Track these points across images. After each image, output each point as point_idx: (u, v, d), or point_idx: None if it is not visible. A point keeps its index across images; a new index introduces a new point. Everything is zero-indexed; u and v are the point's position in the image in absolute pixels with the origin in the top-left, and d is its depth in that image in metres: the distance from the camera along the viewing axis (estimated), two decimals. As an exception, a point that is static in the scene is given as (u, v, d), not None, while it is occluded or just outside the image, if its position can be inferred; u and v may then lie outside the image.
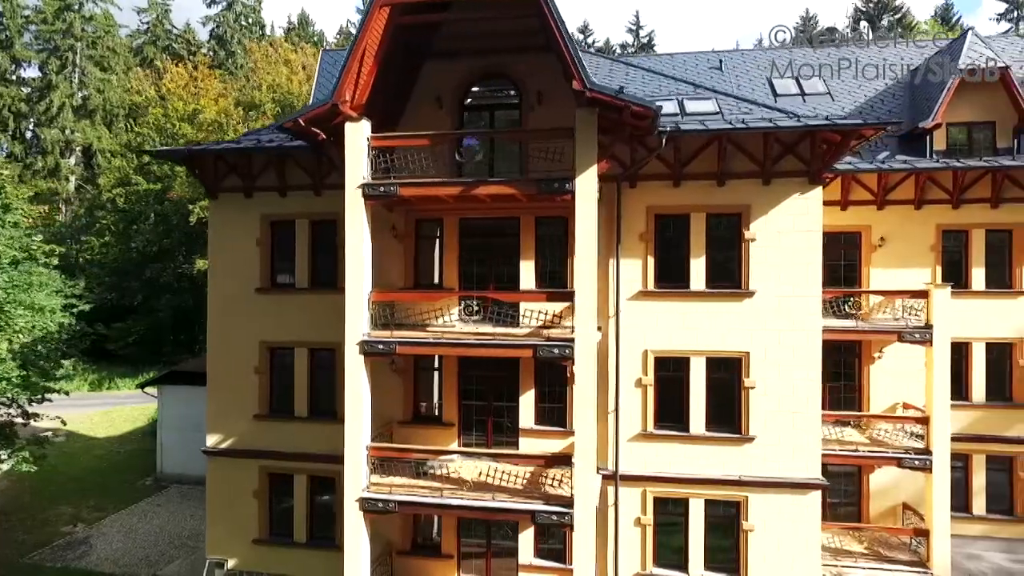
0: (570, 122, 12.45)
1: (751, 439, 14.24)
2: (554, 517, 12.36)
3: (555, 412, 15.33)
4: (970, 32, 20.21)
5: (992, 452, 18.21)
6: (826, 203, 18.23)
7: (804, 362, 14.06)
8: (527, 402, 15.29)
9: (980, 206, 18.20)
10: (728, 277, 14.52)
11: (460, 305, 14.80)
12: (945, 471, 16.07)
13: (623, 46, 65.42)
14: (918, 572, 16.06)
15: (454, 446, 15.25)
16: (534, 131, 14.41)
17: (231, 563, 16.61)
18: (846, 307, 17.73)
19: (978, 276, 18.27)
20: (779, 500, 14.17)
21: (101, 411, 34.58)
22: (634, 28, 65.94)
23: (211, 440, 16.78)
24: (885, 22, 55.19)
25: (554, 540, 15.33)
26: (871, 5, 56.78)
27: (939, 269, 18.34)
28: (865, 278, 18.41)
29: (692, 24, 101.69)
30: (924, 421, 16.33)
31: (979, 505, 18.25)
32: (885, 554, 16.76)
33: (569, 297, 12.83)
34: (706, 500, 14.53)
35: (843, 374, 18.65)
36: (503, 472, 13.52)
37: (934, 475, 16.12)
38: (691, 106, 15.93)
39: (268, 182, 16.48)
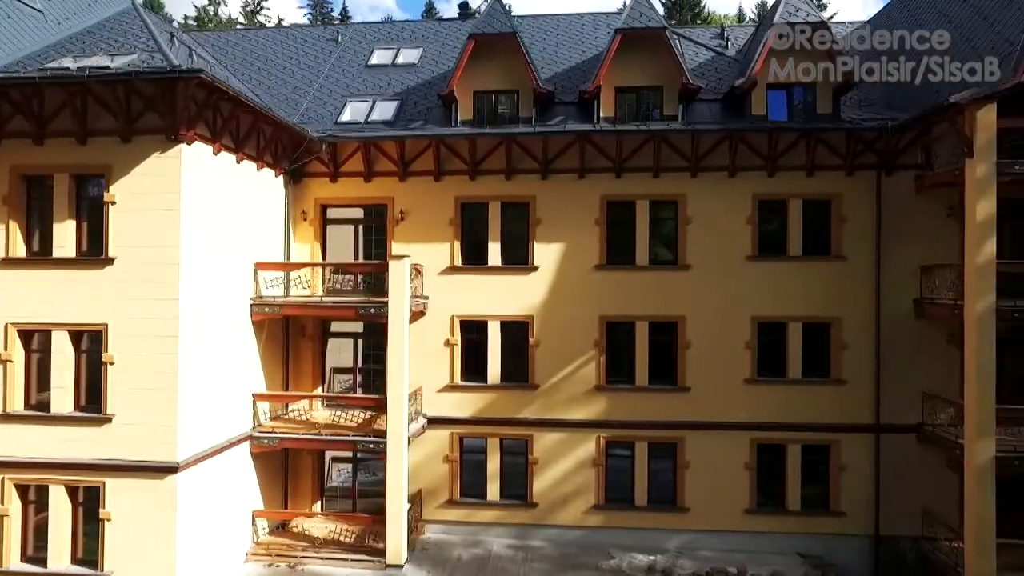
0: None
1: (109, 419, 13.02)
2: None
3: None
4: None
5: (508, 435, 17.44)
6: (351, 174, 17.72)
7: (164, 335, 12.92)
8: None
9: (496, 178, 17.44)
10: (95, 244, 13.31)
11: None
12: (400, 454, 15.18)
13: None
14: (372, 560, 15.18)
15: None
16: None
17: None
18: (339, 282, 16.81)
19: (494, 251, 17.51)
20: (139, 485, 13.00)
21: None
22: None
23: None
24: None
25: None
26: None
27: (458, 244, 17.54)
28: (391, 252, 17.51)
29: None
30: (380, 404, 15.45)
31: (494, 491, 17.44)
32: (349, 543, 15.84)
33: None
34: None
35: (371, 356, 17.83)
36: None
37: (388, 460, 15.23)
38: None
39: None
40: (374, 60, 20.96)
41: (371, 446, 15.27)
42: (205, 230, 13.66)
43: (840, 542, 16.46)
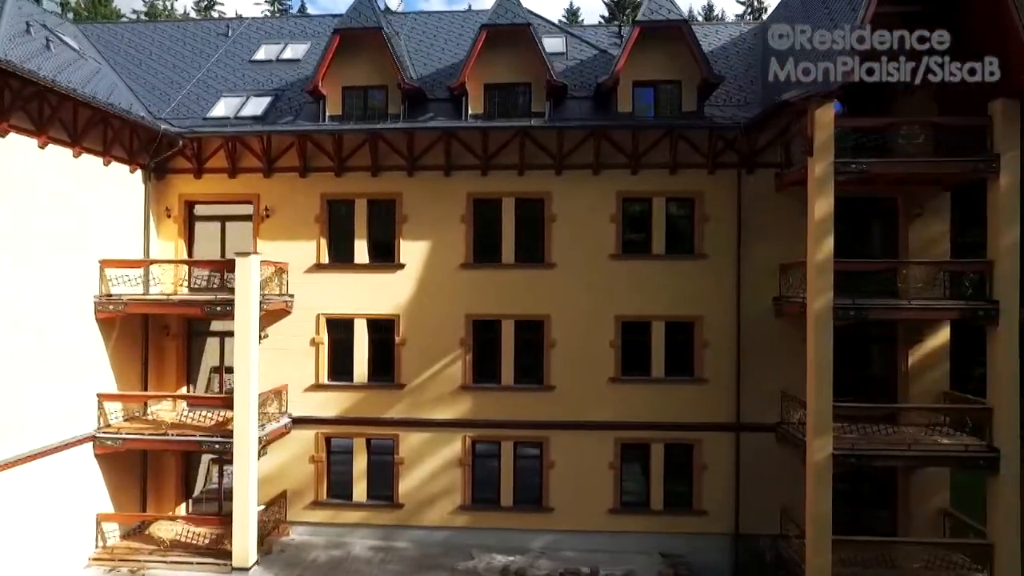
0: None
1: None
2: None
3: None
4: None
5: (374, 435, 17.24)
6: (216, 170, 17.39)
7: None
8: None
9: (363, 175, 17.24)
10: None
11: None
12: (247, 455, 14.91)
13: None
14: (218, 563, 14.89)
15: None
16: None
17: None
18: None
19: (361, 249, 17.30)
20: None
21: None
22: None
23: None
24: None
25: None
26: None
27: (323, 241, 17.31)
28: (255, 250, 17.18)
29: None
30: (227, 402, 15.16)
31: (360, 492, 17.22)
32: (204, 546, 15.52)
33: None
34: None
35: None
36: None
37: (235, 461, 14.96)
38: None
39: None
40: (259, 56, 20.61)
41: (217, 446, 14.98)
42: (27, 224, 13.26)
43: (703, 541, 16.46)
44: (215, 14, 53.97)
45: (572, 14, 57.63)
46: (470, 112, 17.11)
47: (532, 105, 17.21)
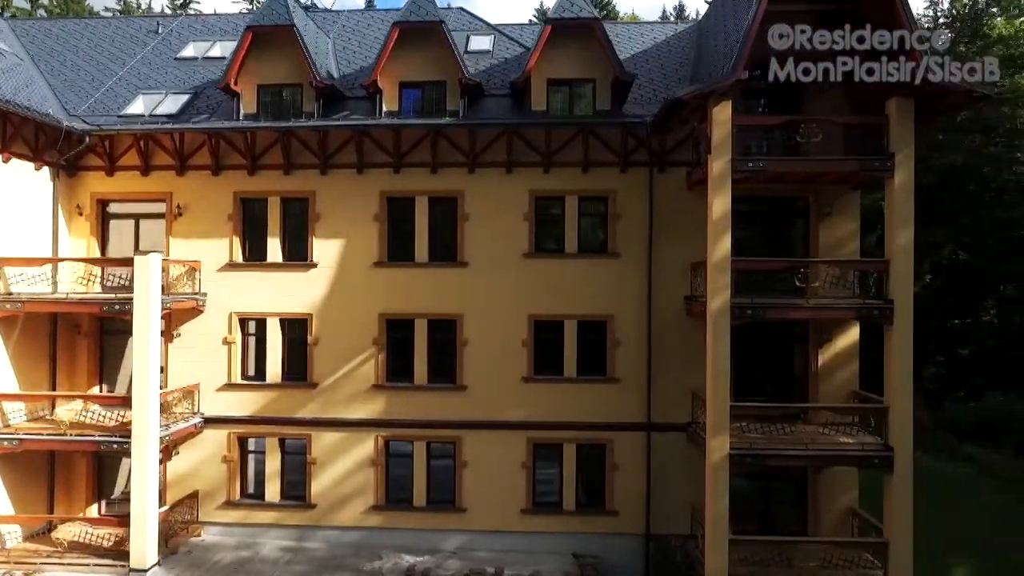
0: None
1: None
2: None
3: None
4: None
5: (287, 435, 17.11)
6: (129, 167, 17.24)
7: None
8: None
9: (276, 173, 17.11)
10: None
11: None
12: (145, 455, 14.76)
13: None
14: (116, 565, 14.75)
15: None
16: None
17: None
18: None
19: (274, 247, 17.17)
20: None
21: None
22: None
23: None
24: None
25: None
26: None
27: (236, 240, 17.17)
28: (167, 248, 17.09)
29: None
30: (128, 402, 15.01)
31: (273, 492, 17.09)
32: (107, 547, 15.33)
33: None
34: None
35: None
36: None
37: (133, 460, 14.82)
38: None
39: None
40: (186, 53, 20.45)
41: (115, 447, 14.83)
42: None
43: (616, 541, 16.40)
44: (192, 11, 53.75)
45: (542, 14, 57.71)
46: (385, 110, 17.01)
47: (447, 103, 17.12)
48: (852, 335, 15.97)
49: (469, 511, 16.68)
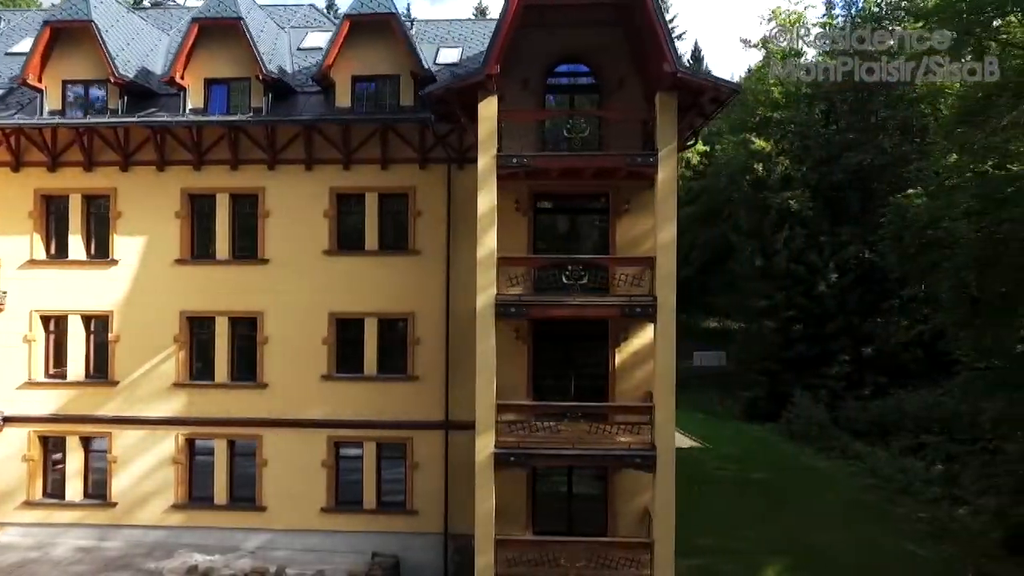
0: None
1: None
2: None
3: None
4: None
5: (86, 433, 16.92)
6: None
7: None
8: None
9: (76, 170, 16.91)
10: None
11: None
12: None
13: None
14: None
15: None
16: None
17: None
18: None
19: (76, 244, 16.98)
20: None
21: None
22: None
23: None
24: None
25: None
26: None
27: (38, 237, 16.97)
28: (-30, 246, 16.89)
29: None
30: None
31: (75, 491, 16.90)
32: None
33: None
34: None
35: None
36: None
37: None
38: None
39: None
40: (16, 48, 20.21)
41: None
42: None
43: (417, 541, 16.28)
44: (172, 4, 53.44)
45: (481, 12, 57.61)
46: (190, 107, 16.76)
47: (251, 100, 16.94)
48: (647, 336, 15.79)
49: (269, 510, 16.52)
